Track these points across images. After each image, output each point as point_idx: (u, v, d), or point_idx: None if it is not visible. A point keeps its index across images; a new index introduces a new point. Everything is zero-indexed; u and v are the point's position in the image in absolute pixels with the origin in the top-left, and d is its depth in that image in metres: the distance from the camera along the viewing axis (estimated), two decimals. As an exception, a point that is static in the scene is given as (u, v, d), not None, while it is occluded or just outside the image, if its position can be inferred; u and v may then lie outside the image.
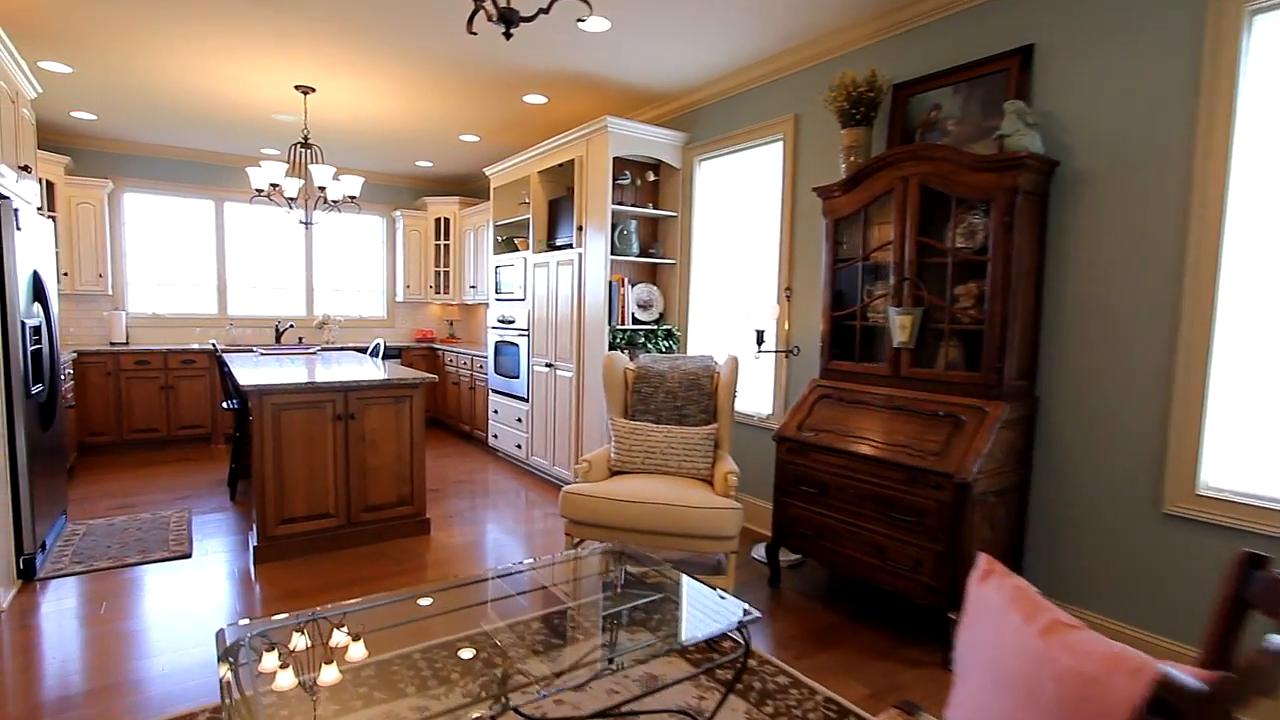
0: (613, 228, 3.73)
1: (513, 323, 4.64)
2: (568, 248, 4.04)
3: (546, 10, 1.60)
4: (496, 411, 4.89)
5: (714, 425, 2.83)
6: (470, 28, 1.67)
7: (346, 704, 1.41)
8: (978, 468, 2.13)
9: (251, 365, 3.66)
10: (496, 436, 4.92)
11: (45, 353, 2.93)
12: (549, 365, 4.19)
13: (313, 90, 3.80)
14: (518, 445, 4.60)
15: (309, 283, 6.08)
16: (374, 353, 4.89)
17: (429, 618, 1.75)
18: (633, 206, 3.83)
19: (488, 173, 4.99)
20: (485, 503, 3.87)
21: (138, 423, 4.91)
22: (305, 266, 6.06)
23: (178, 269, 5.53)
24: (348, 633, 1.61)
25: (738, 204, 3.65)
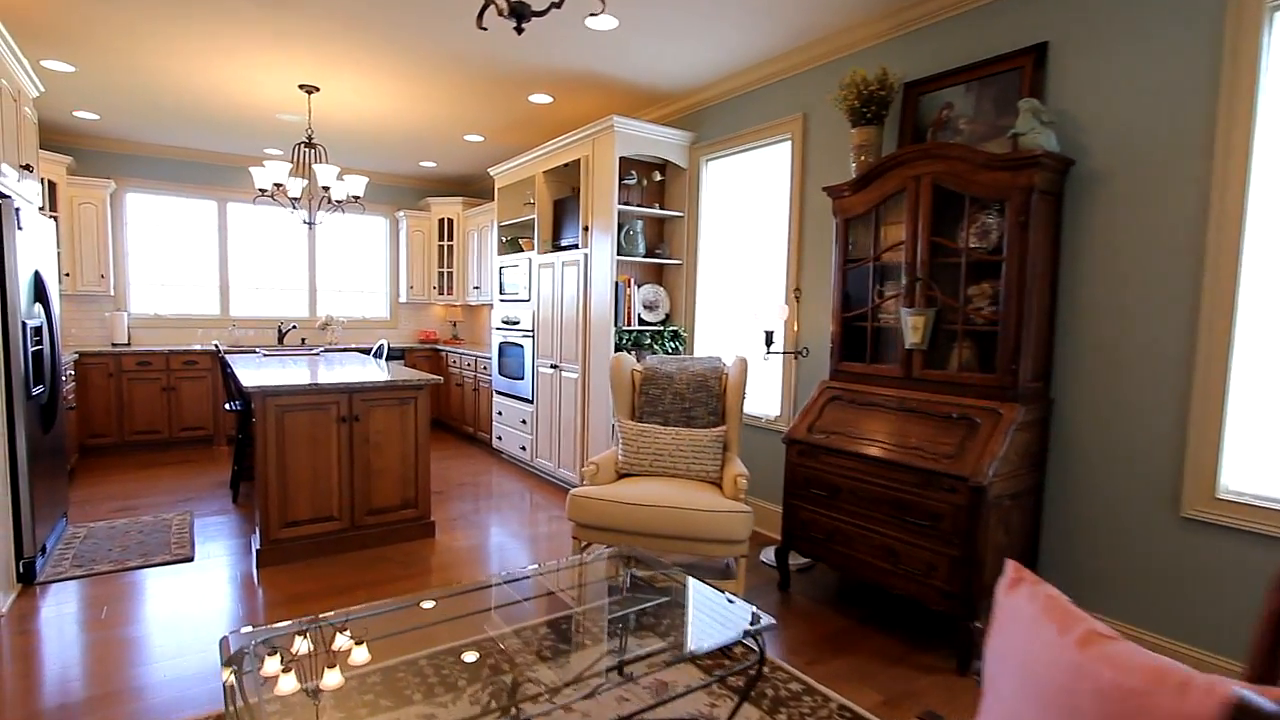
0: (619, 228, 3.70)
1: (517, 324, 4.61)
2: (573, 248, 4.01)
3: (559, 4, 1.57)
4: (500, 413, 4.86)
5: (722, 427, 2.80)
6: (480, 23, 1.64)
7: (352, 711, 1.38)
8: (993, 471, 2.09)
9: (254, 366, 3.63)
10: (500, 438, 4.89)
11: (46, 354, 2.90)
12: (554, 366, 4.16)
13: (316, 89, 3.77)
14: (522, 447, 4.57)
15: (312, 283, 6.05)
16: (377, 354, 4.86)
17: (435, 624, 1.72)
18: (639, 207, 3.80)
19: (492, 173, 4.97)
20: (490, 505, 3.83)
21: (139, 424, 4.88)
22: (308, 267, 6.03)
23: (180, 270, 5.50)
24: (353, 638, 1.58)
25: (745, 204, 3.62)
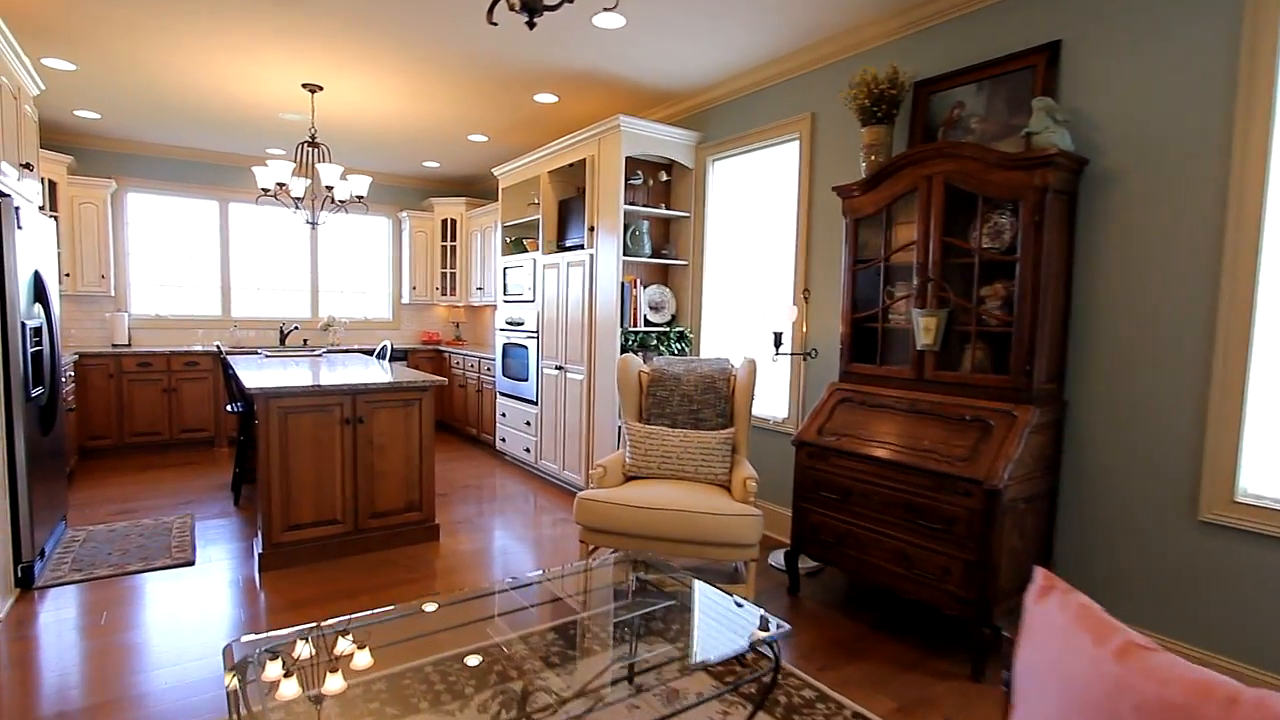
0: (625, 228, 3.67)
1: (521, 325, 4.58)
2: (579, 248, 3.98)
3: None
4: (504, 415, 4.83)
5: (731, 429, 2.76)
6: (490, 18, 1.61)
7: (357, 719, 1.34)
8: (1008, 474, 2.06)
9: (256, 368, 3.59)
10: (504, 440, 4.85)
11: (46, 355, 2.87)
12: (559, 368, 4.13)
13: (320, 88, 3.75)
14: (526, 449, 4.53)
15: (314, 284, 6.02)
16: (380, 355, 4.83)
17: (442, 630, 1.69)
18: (644, 207, 3.77)
19: (496, 173, 4.94)
20: (494, 508, 3.80)
21: (139, 426, 4.84)
22: (310, 268, 6.00)
23: (181, 270, 5.47)
24: (358, 645, 1.54)
25: (752, 205, 3.60)
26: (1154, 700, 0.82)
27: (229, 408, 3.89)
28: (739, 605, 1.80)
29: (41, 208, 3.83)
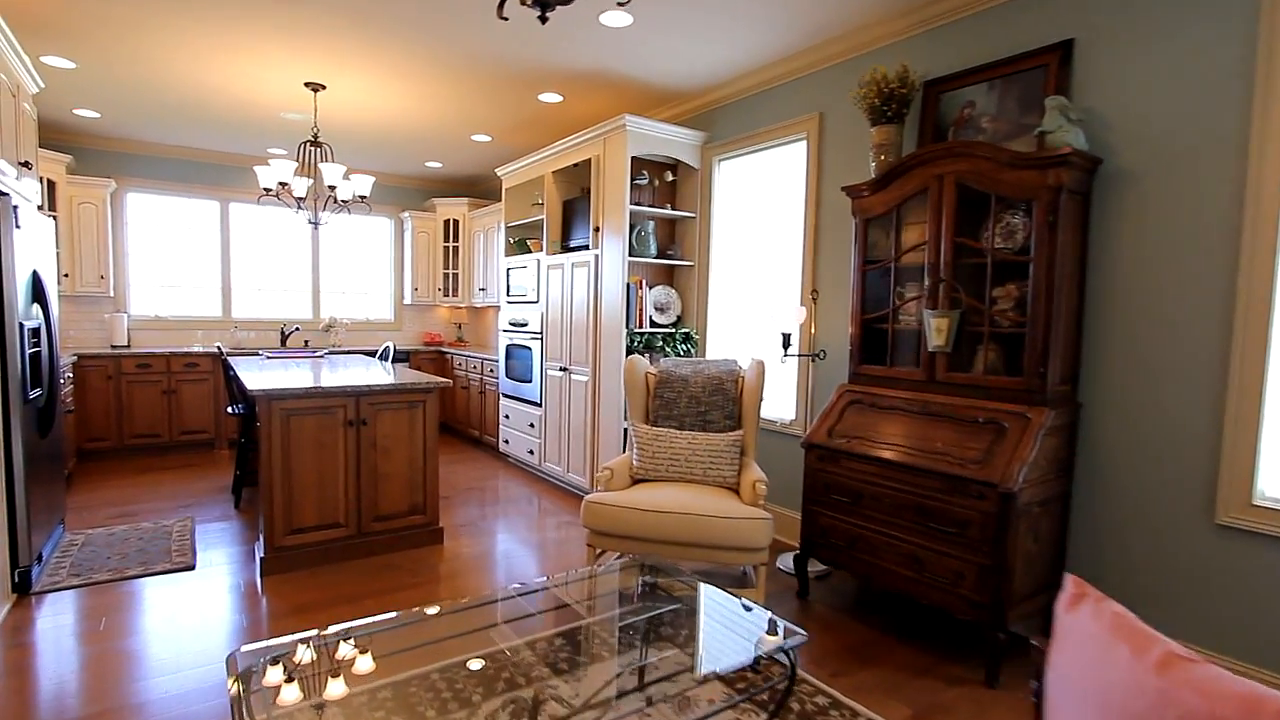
0: (630, 229, 3.64)
1: (525, 326, 4.54)
2: (583, 249, 3.95)
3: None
4: (508, 416, 4.79)
5: (739, 431, 2.73)
6: (500, 12, 1.59)
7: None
8: (1023, 477, 2.03)
9: (257, 369, 3.56)
10: (508, 442, 4.81)
11: (44, 356, 2.83)
12: (563, 369, 4.09)
13: (323, 87, 3.71)
14: (530, 451, 4.50)
15: (315, 285, 5.98)
16: (383, 356, 4.79)
17: (449, 638, 1.65)
18: (650, 207, 3.75)
19: (500, 173, 4.91)
20: (498, 511, 3.76)
21: (139, 428, 4.80)
22: (311, 268, 5.96)
23: (181, 271, 5.43)
24: (362, 651, 1.51)
25: (758, 205, 3.57)
26: (1201, 715, 0.79)
27: (230, 409, 3.86)
28: (748, 609, 1.77)
29: (40, 207, 3.80)
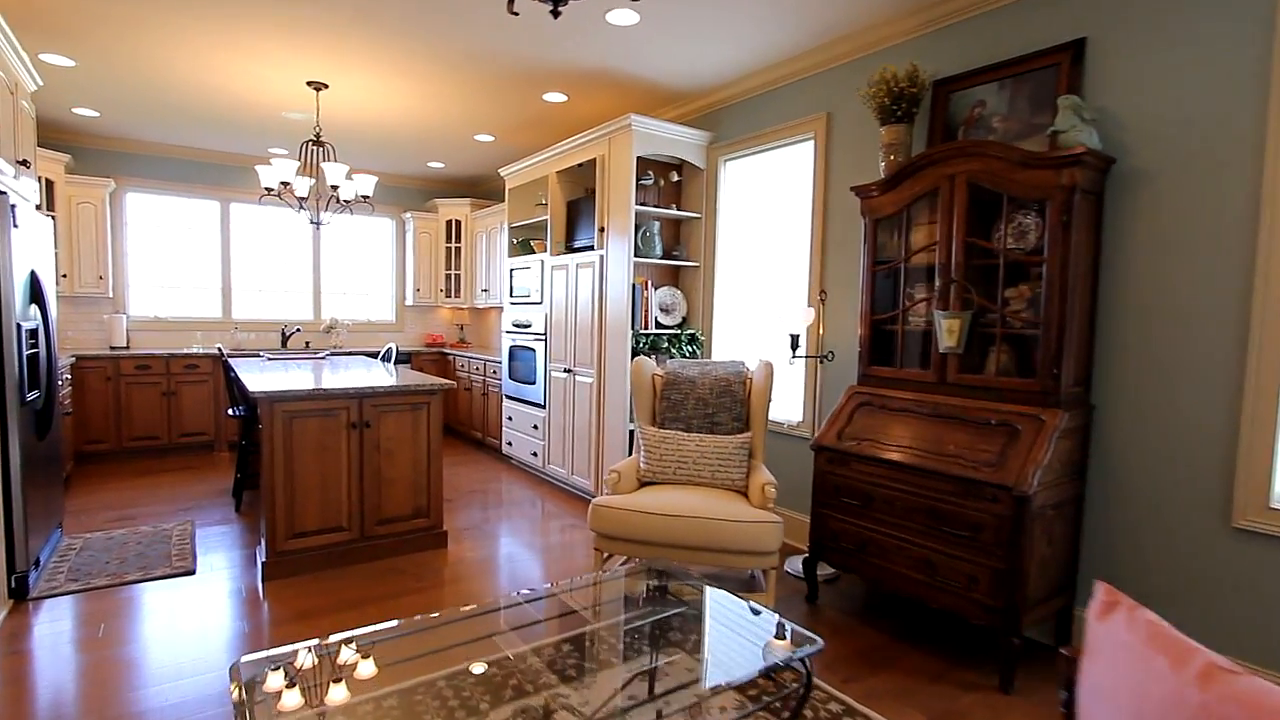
0: (635, 229, 3.61)
1: (528, 327, 4.51)
2: (588, 249, 3.92)
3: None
4: (511, 418, 4.76)
5: (748, 434, 2.70)
6: (511, 7, 1.56)
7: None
8: (1037, 480, 2.00)
9: (258, 370, 3.52)
10: (511, 444, 4.78)
11: (42, 357, 2.79)
12: (567, 371, 4.06)
13: (325, 86, 3.68)
14: (533, 453, 4.46)
15: (316, 286, 5.94)
16: (386, 357, 4.75)
17: (456, 645, 1.62)
18: (655, 207, 3.72)
19: (503, 173, 4.88)
20: (501, 514, 3.72)
21: (138, 430, 4.75)
22: (313, 269, 5.92)
23: (181, 271, 5.39)
24: (366, 658, 1.48)
25: (764, 206, 3.54)
26: (1249, 729, 0.76)
27: (230, 411, 3.81)
28: (756, 612, 1.75)
29: (38, 207, 3.76)
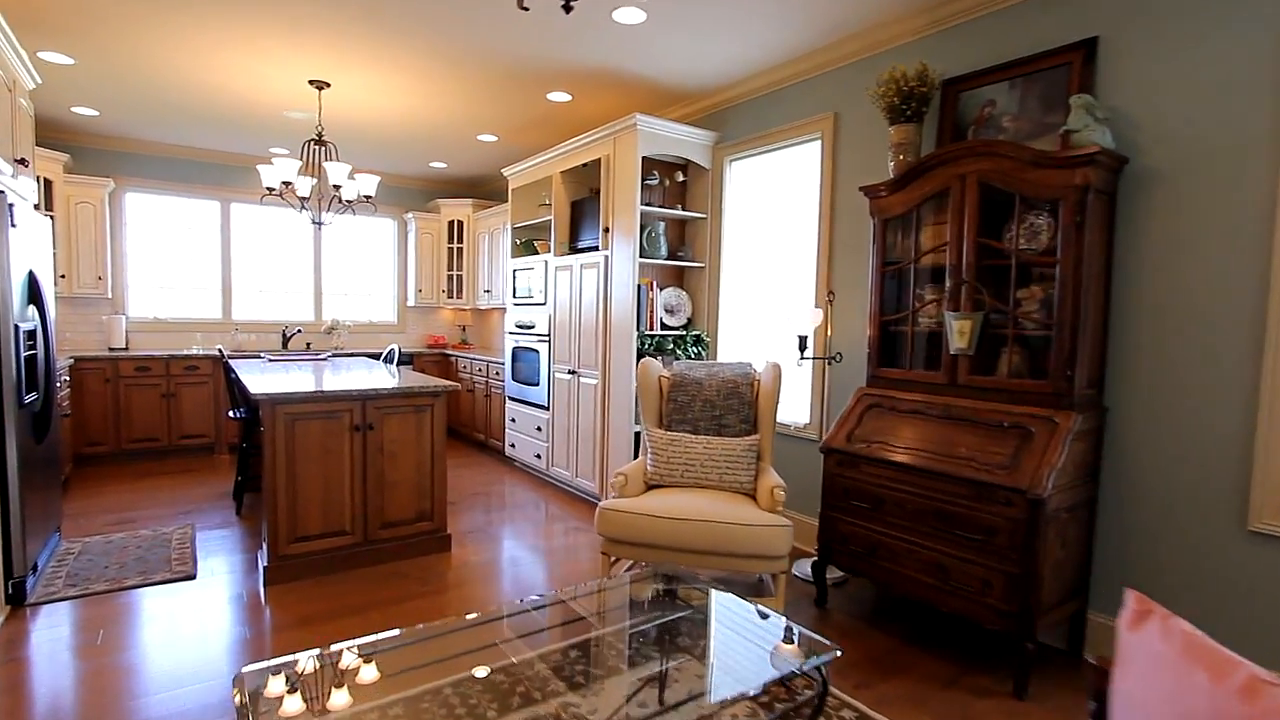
0: (640, 229, 3.58)
1: (532, 328, 4.48)
2: (593, 250, 3.89)
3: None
4: (514, 420, 4.72)
5: (755, 436, 2.67)
6: (521, 3, 1.53)
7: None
8: (1052, 483, 1.98)
9: (259, 372, 3.48)
10: (514, 446, 4.74)
11: (40, 359, 2.75)
12: (571, 372, 4.03)
13: (327, 85, 3.65)
14: (537, 455, 4.43)
15: (317, 286, 5.90)
16: (388, 358, 4.72)
17: (463, 654, 1.58)
18: (660, 208, 3.69)
19: (506, 173, 4.85)
20: (505, 516, 3.69)
21: (137, 432, 4.71)
22: (314, 270, 5.89)
23: (181, 272, 5.35)
24: (368, 662, 1.45)
25: (771, 206, 3.52)
26: (1299, 746, 0.73)
27: (231, 413, 3.78)
28: (764, 616, 1.73)
29: (37, 206, 3.72)
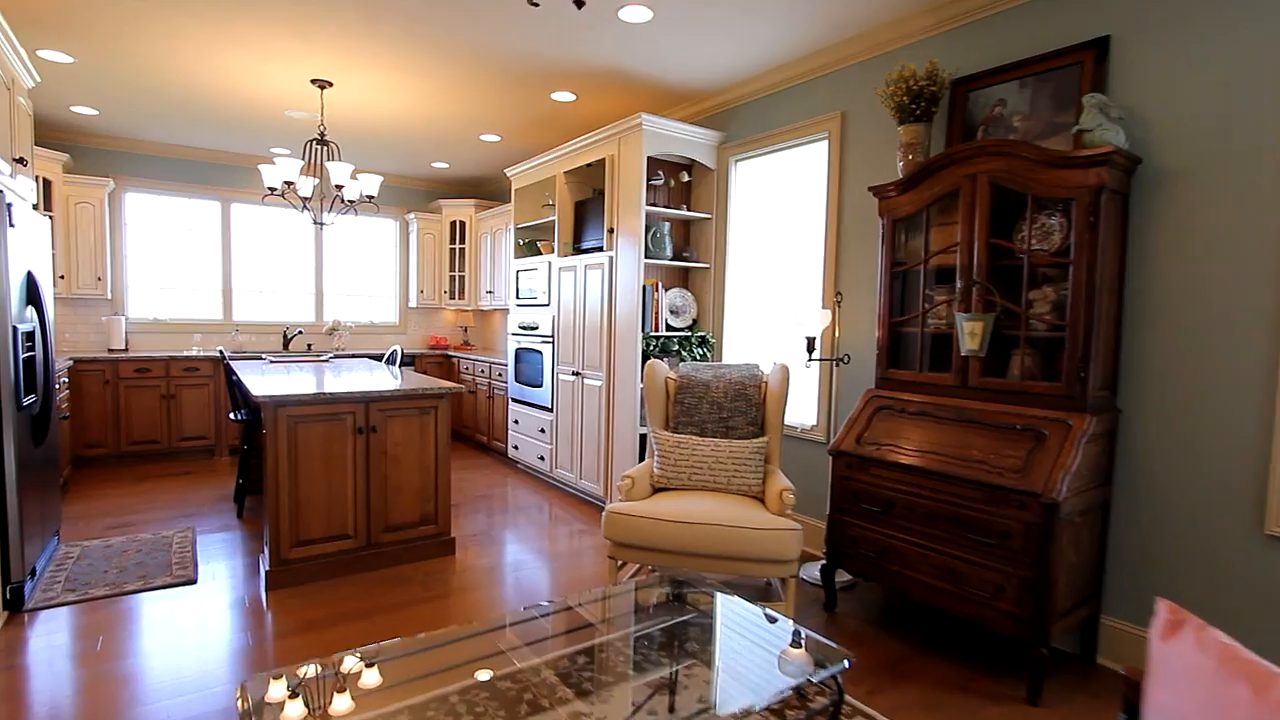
0: (645, 230, 3.56)
1: (535, 329, 4.45)
2: (597, 250, 3.86)
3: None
4: (517, 422, 4.69)
5: (764, 438, 2.64)
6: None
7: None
8: (1066, 486, 1.95)
9: (260, 374, 3.45)
10: (517, 448, 4.71)
11: (39, 360, 2.71)
12: (576, 374, 4.00)
13: (330, 84, 3.62)
14: (540, 457, 4.40)
15: (319, 287, 5.87)
16: (390, 360, 4.69)
17: (469, 662, 1.55)
18: (665, 208, 3.67)
19: (509, 174, 4.82)
20: (509, 519, 3.66)
21: (137, 434, 4.67)
22: (315, 270, 5.85)
23: (181, 272, 5.31)
24: (373, 668, 1.42)
25: (777, 206, 3.49)
26: (1350, 764, 0.70)
27: (232, 415, 3.74)
28: (773, 620, 1.70)
29: (36, 206, 3.69)
